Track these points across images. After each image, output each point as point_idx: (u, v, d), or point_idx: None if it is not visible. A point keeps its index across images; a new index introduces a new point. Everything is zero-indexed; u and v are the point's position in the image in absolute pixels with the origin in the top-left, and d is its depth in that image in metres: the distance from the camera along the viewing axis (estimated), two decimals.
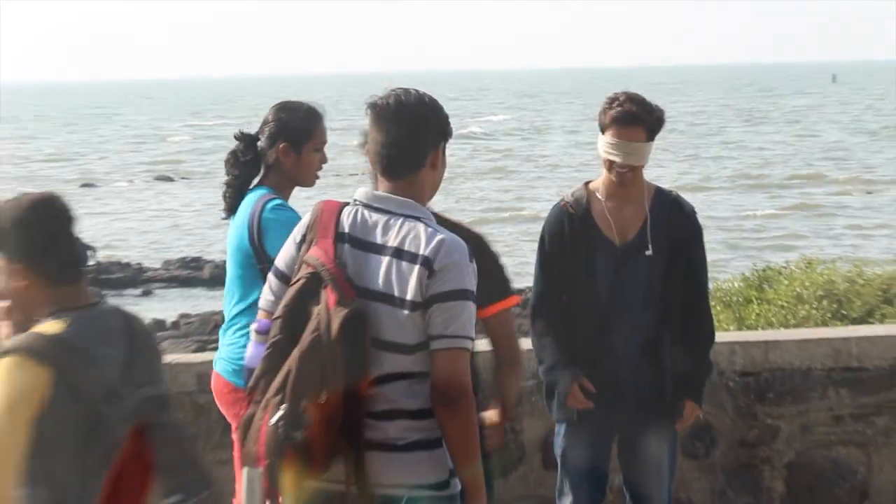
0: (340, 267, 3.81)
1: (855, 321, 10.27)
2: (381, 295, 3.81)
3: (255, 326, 3.99)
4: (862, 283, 11.04)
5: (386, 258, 3.83)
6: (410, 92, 3.96)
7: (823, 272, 11.38)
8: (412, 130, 3.93)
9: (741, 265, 21.63)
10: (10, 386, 3.22)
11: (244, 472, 3.95)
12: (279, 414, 3.70)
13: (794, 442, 6.65)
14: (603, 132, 5.39)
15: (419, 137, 3.94)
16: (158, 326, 24.31)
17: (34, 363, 3.24)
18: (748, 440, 6.64)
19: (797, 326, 10.04)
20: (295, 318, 3.79)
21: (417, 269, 3.79)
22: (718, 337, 5.71)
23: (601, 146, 5.40)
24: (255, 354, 3.92)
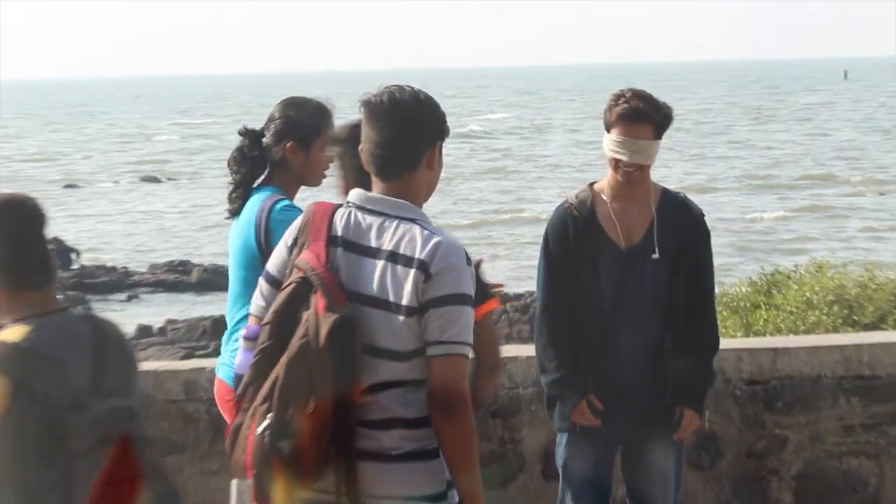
0: (332, 271, 3.81)
1: (867, 327, 10.27)
2: (375, 300, 3.80)
3: (243, 333, 3.99)
4: (874, 287, 11.03)
5: (380, 262, 3.82)
6: (405, 89, 3.94)
7: (834, 276, 11.38)
8: (407, 129, 3.91)
9: (749, 269, 21.63)
10: None
11: (232, 482, 3.96)
12: (265, 423, 3.70)
13: (803, 452, 6.66)
14: (608, 130, 5.37)
15: (414, 136, 3.92)
16: (144, 332, 24.31)
17: None
18: (756, 450, 6.64)
19: (807, 333, 10.04)
20: (284, 324, 3.78)
21: (413, 273, 3.78)
22: (725, 344, 5.72)
23: (607, 145, 5.38)
24: (244, 361, 3.92)
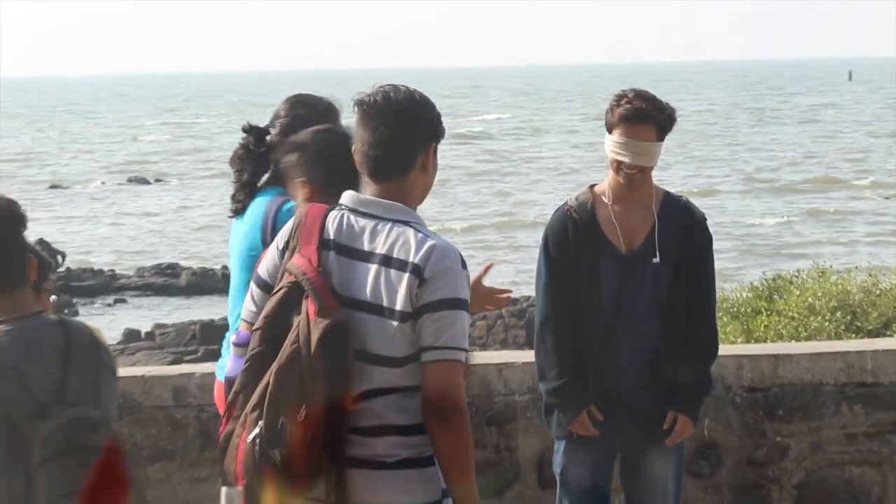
0: (324, 276, 3.80)
1: (870, 334, 10.30)
2: (368, 305, 3.80)
3: (233, 338, 3.99)
4: (878, 293, 11.07)
5: (373, 266, 3.81)
6: (400, 89, 3.93)
7: (837, 282, 11.40)
8: (401, 129, 3.89)
9: (750, 274, 21.65)
10: None
11: (222, 491, 3.97)
12: (256, 431, 3.69)
13: (804, 461, 6.67)
14: (610, 131, 5.37)
15: (409, 137, 3.91)
16: (132, 337, 24.30)
17: None
18: (756, 459, 6.65)
19: (808, 339, 10.07)
20: (276, 329, 3.78)
21: (407, 277, 3.78)
22: (725, 350, 5.72)
23: (608, 146, 5.38)
24: (234, 367, 3.92)
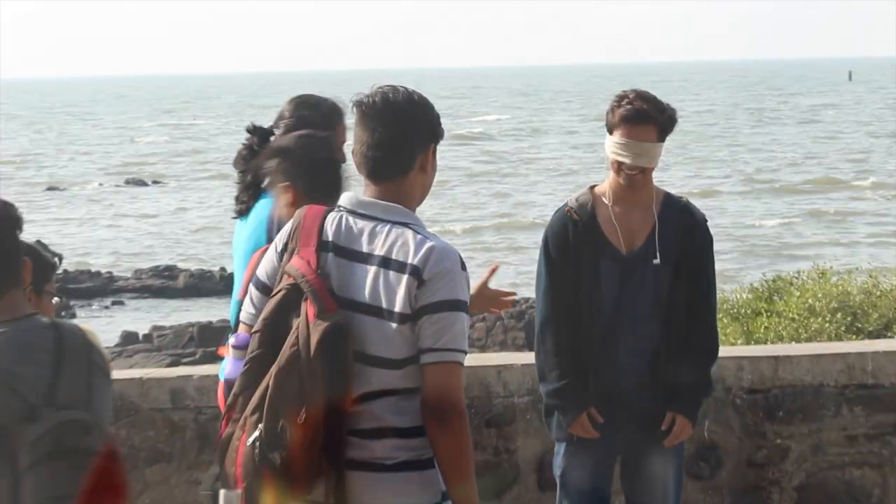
0: (323, 278, 3.81)
1: (871, 335, 10.31)
2: (367, 307, 3.81)
3: (232, 341, 3.99)
4: (879, 294, 11.08)
5: (372, 268, 3.82)
6: (399, 89, 3.93)
7: (837, 283, 11.42)
8: (400, 130, 3.90)
9: (751, 275, 21.66)
10: None
11: (221, 494, 3.97)
12: (256, 434, 3.70)
13: (804, 463, 6.67)
14: (611, 132, 5.38)
15: (408, 138, 3.92)
16: (130, 339, 24.31)
17: None
18: (756, 460, 6.66)
19: (809, 340, 10.08)
20: (275, 331, 3.79)
21: (406, 278, 3.79)
22: (725, 351, 5.73)
23: (609, 147, 5.39)
24: (234, 370, 3.93)
